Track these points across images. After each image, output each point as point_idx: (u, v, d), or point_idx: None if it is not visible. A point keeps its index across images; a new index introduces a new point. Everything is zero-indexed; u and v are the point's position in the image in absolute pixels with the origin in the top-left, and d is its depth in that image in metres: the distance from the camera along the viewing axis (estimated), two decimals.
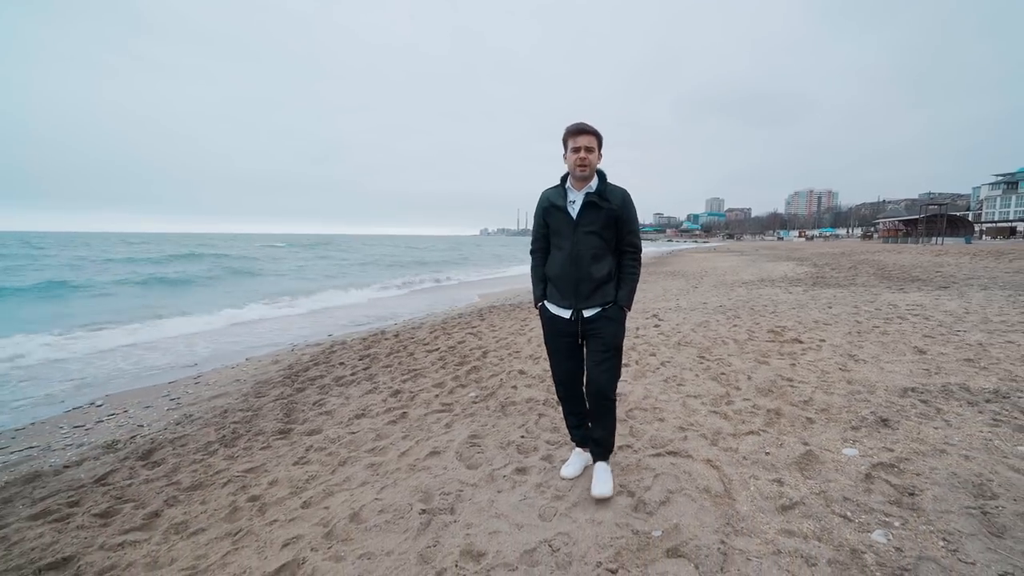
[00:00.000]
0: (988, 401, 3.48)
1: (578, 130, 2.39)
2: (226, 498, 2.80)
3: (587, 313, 2.46)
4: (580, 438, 2.76)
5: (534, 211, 2.66)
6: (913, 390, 3.77)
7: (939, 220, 42.22)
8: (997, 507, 2.19)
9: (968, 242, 37.94)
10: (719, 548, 2.02)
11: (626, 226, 2.49)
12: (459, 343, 6.40)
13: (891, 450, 2.81)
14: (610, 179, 2.51)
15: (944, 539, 2.01)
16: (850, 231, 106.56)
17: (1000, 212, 78.51)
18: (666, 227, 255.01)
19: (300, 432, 3.74)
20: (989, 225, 59.57)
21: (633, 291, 2.54)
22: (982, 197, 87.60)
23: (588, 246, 2.42)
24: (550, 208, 2.52)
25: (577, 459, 2.75)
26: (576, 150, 2.38)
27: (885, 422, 3.21)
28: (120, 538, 2.45)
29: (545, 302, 2.61)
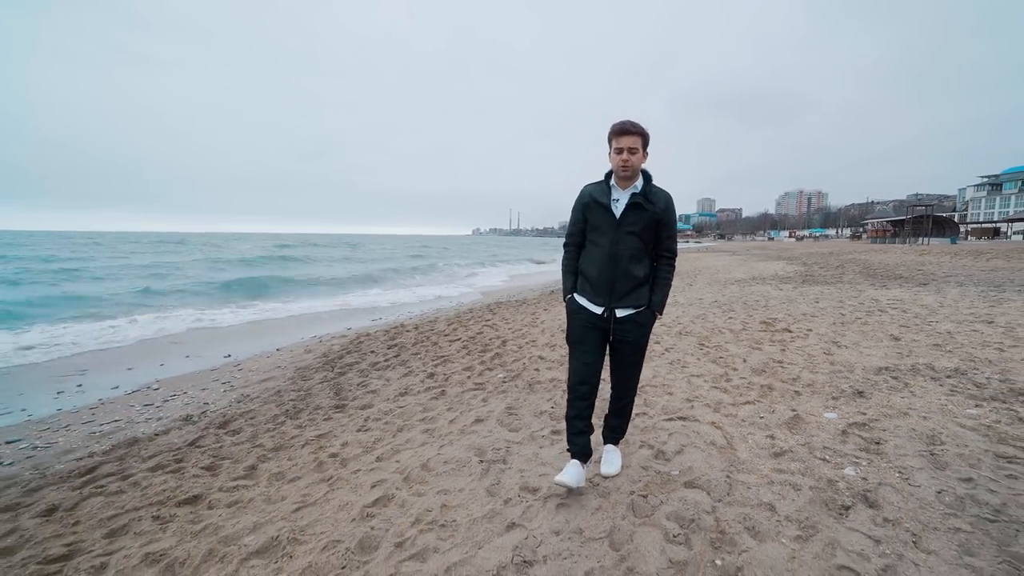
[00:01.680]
0: (949, 377, 4.08)
1: (622, 130, 2.34)
2: (309, 456, 3.32)
3: (620, 313, 2.46)
4: (580, 448, 2.55)
5: (572, 204, 2.62)
6: (886, 369, 4.36)
7: (925, 221, 43.24)
8: (943, 450, 2.76)
9: (954, 242, 38.89)
10: (726, 480, 2.58)
11: (666, 230, 2.48)
12: (477, 334, 6.95)
13: (864, 414, 3.39)
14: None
15: (899, 472, 2.58)
16: (839, 232, 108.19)
17: (985, 213, 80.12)
18: None
19: (354, 407, 4.26)
20: (974, 226, 60.92)
21: (666, 296, 2.55)
22: (968, 198, 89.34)
23: (628, 246, 2.40)
24: (592, 204, 2.48)
25: (575, 469, 2.50)
26: (619, 151, 2.34)
27: (861, 394, 3.79)
28: (232, 483, 2.97)
29: (575, 295, 2.58)
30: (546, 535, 2.20)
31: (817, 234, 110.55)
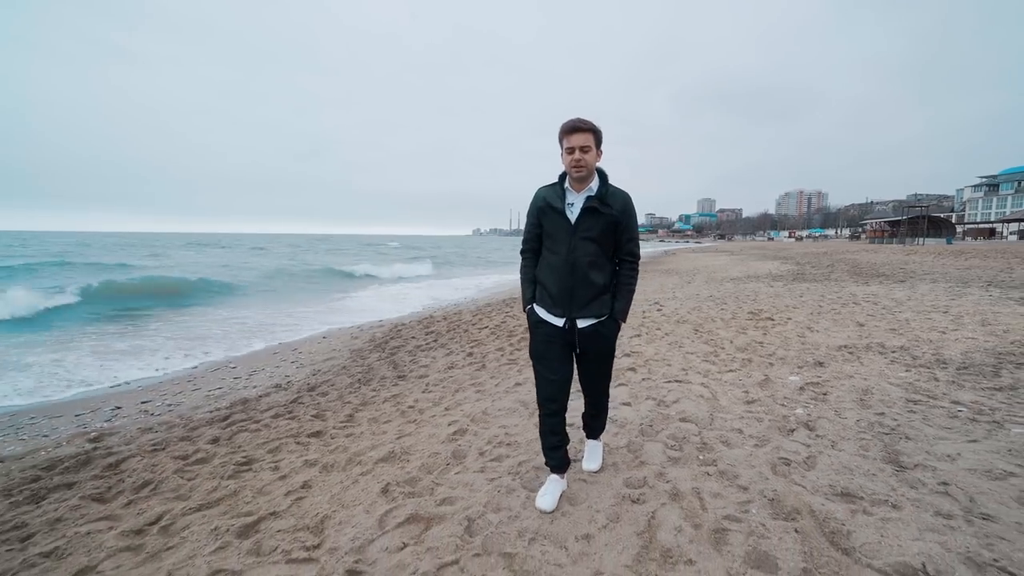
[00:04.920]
0: (893, 352, 5.07)
1: (572, 127, 2.23)
2: (391, 408, 4.31)
3: (581, 324, 2.35)
4: (557, 462, 2.54)
5: (527, 209, 2.50)
6: (845, 347, 5.35)
7: (921, 221, 44.12)
8: (870, 397, 3.76)
9: (949, 242, 39.69)
10: (709, 417, 3.56)
11: (626, 233, 2.36)
12: (502, 323, 7.95)
13: (819, 376, 4.38)
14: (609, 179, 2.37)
15: (834, 411, 3.56)
16: (839, 232, 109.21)
17: (982, 213, 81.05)
18: (658, 227, 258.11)
19: (413, 377, 5.26)
20: (970, 226, 61.87)
21: (629, 303, 2.44)
22: (965, 199, 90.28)
23: (585, 253, 2.29)
24: (546, 208, 2.37)
25: (554, 486, 2.52)
26: (571, 150, 2.23)
27: (820, 364, 4.78)
28: (341, 425, 3.96)
29: (535, 306, 2.46)
30: (582, 447, 3.18)
31: (816, 234, 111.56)
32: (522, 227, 2.93)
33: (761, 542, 2.07)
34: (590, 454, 2.86)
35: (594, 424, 2.83)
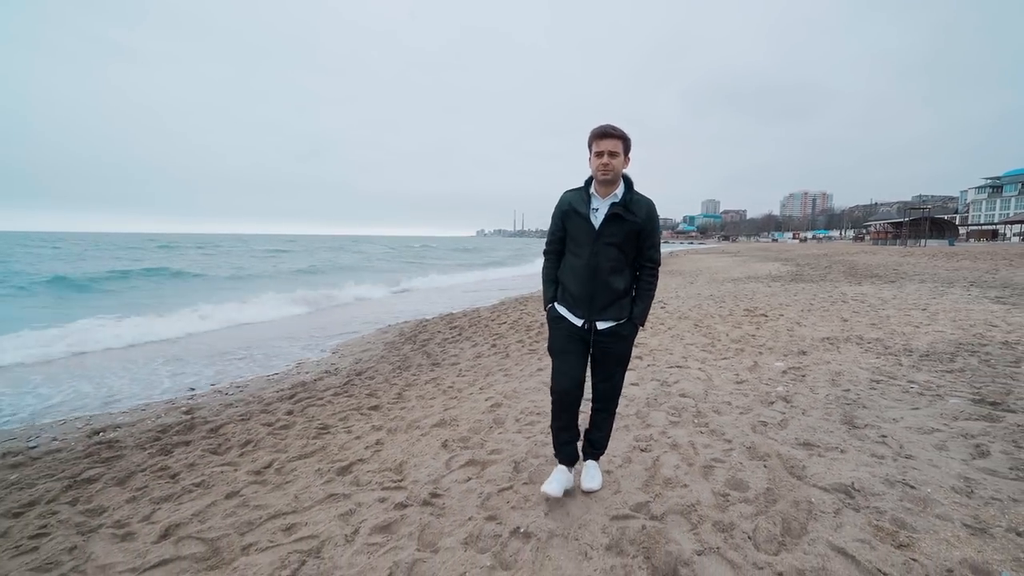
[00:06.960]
0: (869, 343, 5.75)
1: (603, 133, 2.32)
2: (433, 388, 5.03)
3: (600, 325, 2.43)
4: (568, 457, 2.63)
5: (552, 211, 2.58)
6: (827, 338, 6.04)
7: (923, 223, 44.56)
8: (840, 378, 4.45)
9: (951, 244, 40.11)
10: (704, 393, 4.26)
11: (648, 240, 2.44)
12: (519, 319, 8.67)
13: (801, 362, 5.07)
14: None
15: (809, 388, 4.26)
16: (843, 233, 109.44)
17: (986, 215, 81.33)
18: (662, 228, 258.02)
19: (446, 364, 5.98)
20: (974, 228, 62.24)
21: (648, 308, 2.51)
22: (969, 200, 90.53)
23: (607, 258, 2.37)
24: (571, 212, 2.45)
25: (561, 475, 2.58)
26: (600, 154, 2.31)
27: (804, 352, 5.47)
28: (392, 401, 4.68)
29: (556, 304, 2.56)
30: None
31: (820, 235, 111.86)
32: (526, 228, 3.42)
33: (738, 473, 2.78)
34: (589, 473, 2.68)
35: (596, 438, 2.70)
